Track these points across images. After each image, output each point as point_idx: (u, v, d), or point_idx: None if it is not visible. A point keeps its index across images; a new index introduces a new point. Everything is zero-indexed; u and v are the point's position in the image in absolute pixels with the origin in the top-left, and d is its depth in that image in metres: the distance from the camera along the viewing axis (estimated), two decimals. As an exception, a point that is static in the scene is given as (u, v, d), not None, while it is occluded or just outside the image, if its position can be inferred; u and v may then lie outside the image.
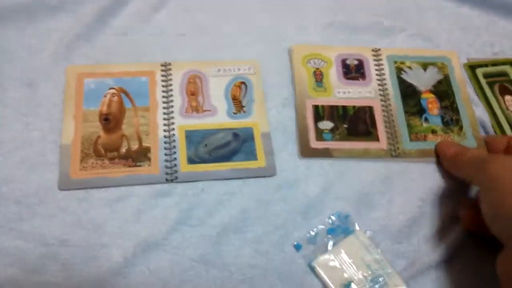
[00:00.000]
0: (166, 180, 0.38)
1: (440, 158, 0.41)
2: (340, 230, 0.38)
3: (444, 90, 0.45)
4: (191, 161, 0.39)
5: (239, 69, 0.44)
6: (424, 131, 0.43)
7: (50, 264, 0.35)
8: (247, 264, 0.36)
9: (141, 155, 0.39)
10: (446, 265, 0.38)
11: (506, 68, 0.47)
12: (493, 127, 0.44)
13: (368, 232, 0.38)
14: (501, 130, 0.44)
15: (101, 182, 0.37)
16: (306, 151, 0.41)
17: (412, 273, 0.37)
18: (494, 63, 0.47)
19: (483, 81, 0.46)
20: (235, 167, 0.39)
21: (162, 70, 0.42)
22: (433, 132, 0.43)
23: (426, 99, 0.45)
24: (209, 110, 0.41)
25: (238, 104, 0.42)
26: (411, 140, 0.42)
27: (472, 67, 0.47)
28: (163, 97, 0.41)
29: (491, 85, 0.46)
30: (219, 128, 0.41)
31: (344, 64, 0.45)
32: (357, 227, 0.38)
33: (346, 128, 0.42)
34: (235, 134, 0.41)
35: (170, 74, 0.42)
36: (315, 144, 0.41)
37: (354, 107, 0.43)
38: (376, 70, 0.46)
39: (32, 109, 0.40)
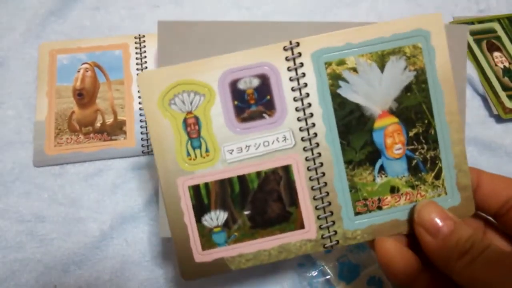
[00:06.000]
0: (143, 152, 0.38)
1: (421, 236, 0.24)
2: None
3: (415, 105, 0.25)
4: (167, 133, 0.38)
5: (214, 38, 0.42)
6: (378, 192, 0.26)
7: (27, 241, 0.34)
8: (227, 233, 0.35)
9: (116, 129, 0.38)
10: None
11: (493, 24, 0.45)
12: (482, 83, 0.42)
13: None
14: (490, 86, 0.42)
15: (76, 157, 0.37)
16: (189, 272, 0.25)
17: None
18: (481, 20, 0.45)
19: (470, 39, 0.45)
20: (213, 137, 0.38)
21: (135, 43, 0.41)
22: (393, 190, 0.26)
23: (383, 130, 0.25)
24: (185, 81, 0.40)
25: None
26: (356, 213, 0.25)
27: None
28: (138, 69, 0.40)
29: (478, 42, 0.44)
30: (195, 99, 0.39)
31: (235, 91, 0.25)
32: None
33: (249, 216, 0.25)
34: (212, 104, 0.39)
35: (144, 46, 0.41)
36: (201, 256, 0.25)
37: (259, 174, 0.25)
38: (294, 89, 0.25)
39: (5, 88, 0.40)
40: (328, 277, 0.34)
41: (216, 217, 0.25)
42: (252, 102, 0.25)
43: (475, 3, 0.46)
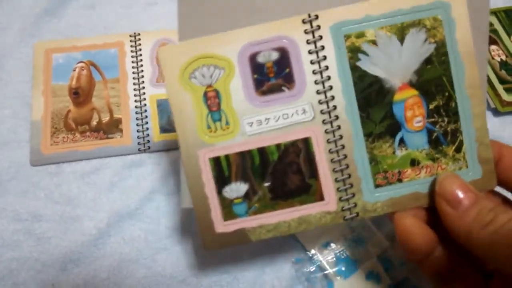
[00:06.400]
0: (139, 150, 0.37)
1: (441, 207, 0.24)
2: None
3: (436, 77, 0.25)
4: (164, 130, 0.38)
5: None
6: (398, 164, 0.25)
7: (24, 239, 0.34)
8: (225, 230, 0.35)
9: (112, 127, 0.38)
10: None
11: (490, 18, 0.45)
12: (478, 79, 0.42)
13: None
14: (487, 80, 0.42)
15: (73, 155, 0.37)
16: (210, 241, 0.25)
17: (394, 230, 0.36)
18: (477, 14, 0.45)
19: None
20: (209, 134, 0.38)
21: (131, 41, 0.41)
22: (413, 164, 0.25)
23: (403, 102, 0.25)
24: (181, 78, 0.40)
25: (210, 70, 0.41)
26: (376, 186, 0.25)
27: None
28: (133, 67, 0.40)
29: (474, 36, 0.44)
30: (191, 96, 0.39)
31: (254, 64, 0.25)
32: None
33: (269, 187, 0.25)
34: (208, 100, 0.39)
35: (139, 45, 0.41)
36: (222, 226, 0.25)
37: (279, 146, 0.25)
38: (313, 62, 0.25)
39: (1, 88, 0.40)
40: (326, 272, 0.34)
41: (236, 189, 0.25)
42: (272, 75, 0.25)
43: (471, -4, 0.46)
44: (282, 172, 0.26)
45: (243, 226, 0.25)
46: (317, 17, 0.25)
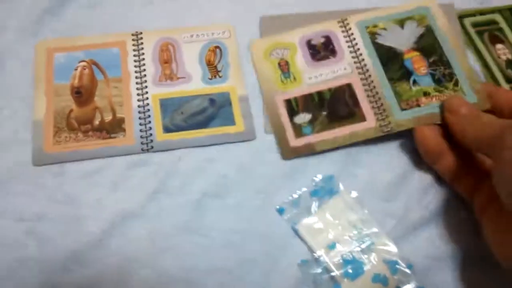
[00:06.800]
0: (142, 150, 0.37)
1: (447, 117, 0.35)
2: (324, 191, 0.37)
3: (429, 44, 0.40)
4: (167, 129, 0.38)
5: (212, 34, 0.42)
6: (415, 95, 0.38)
7: (27, 240, 0.34)
8: (230, 229, 0.35)
9: (115, 127, 0.38)
10: (437, 222, 0.36)
11: (495, 16, 0.45)
12: (485, 77, 0.42)
13: (353, 192, 0.37)
14: (493, 79, 0.42)
15: (76, 155, 0.37)
16: (287, 152, 0.37)
17: (401, 232, 0.36)
18: (482, 12, 0.45)
19: (471, 31, 0.44)
20: (213, 133, 0.38)
21: (133, 40, 0.41)
22: (426, 94, 0.38)
23: (410, 59, 0.40)
24: (184, 77, 0.40)
25: (213, 69, 0.41)
26: (402, 109, 0.37)
27: (460, 17, 0.45)
28: (135, 66, 0.40)
29: (480, 34, 0.44)
30: (194, 95, 0.39)
31: (309, 45, 0.41)
32: (341, 188, 0.37)
33: (326, 115, 0.38)
34: (211, 99, 0.39)
35: (142, 44, 0.41)
36: (294, 142, 0.37)
37: (330, 89, 0.39)
38: (347, 41, 0.41)
39: (2, 87, 0.39)
40: (332, 274, 0.33)
41: (303, 117, 0.38)
42: (321, 51, 0.41)
43: (476, -6, 0.46)
44: (334, 106, 0.38)
45: (309, 141, 0.37)
46: (346, 19, 0.42)
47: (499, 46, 0.44)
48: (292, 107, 0.38)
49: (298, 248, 0.35)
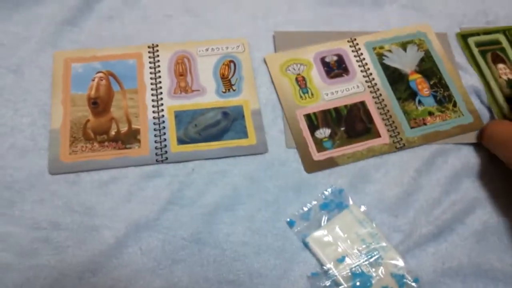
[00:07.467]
0: (156, 161, 0.38)
1: (490, 143, 0.39)
2: (334, 205, 0.38)
3: (429, 68, 0.43)
4: (181, 141, 0.39)
5: (227, 48, 0.43)
6: (421, 115, 0.41)
7: (42, 248, 0.35)
8: (240, 241, 0.36)
9: (130, 137, 0.39)
10: (444, 238, 0.37)
11: (498, 36, 0.46)
12: (486, 96, 0.43)
13: (362, 206, 0.38)
14: (494, 99, 0.43)
15: (91, 165, 0.37)
16: (311, 166, 0.39)
17: (408, 246, 0.36)
18: (486, 32, 0.46)
19: (475, 50, 0.45)
20: (226, 146, 0.39)
21: (149, 52, 0.42)
22: (430, 114, 0.41)
23: (414, 81, 0.43)
24: (198, 90, 0.41)
25: (227, 82, 0.41)
26: (411, 127, 0.40)
27: (464, 36, 0.46)
28: (151, 78, 0.41)
29: (483, 53, 0.45)
30: (208, 108, 0.40)
31: (323, 62, 0.43)
32: (351, 202, 0.38)
33: (344, 130, 0.40)
34: (225, 113, 0.40)
35: (158, 56, 0.42)
36: (317, 156, 0.39)
37: (346, 106, 0.41)
38: (357, 61, 0.43)
39: (21, 96, 0.40)
40: (341, 287, 0.34)
41: (323, 132, 0.40)
42: (335, 68, 0.43)
43: (484, 15, 0.47)
44: (351, 122, 0.41)
45: (331, 155, 0.39)
46: (355, 39, 0.45)
47: (500, 66, 0.44)
48: (312, 122, 0.40)
49: (307, 261, 0.35)
